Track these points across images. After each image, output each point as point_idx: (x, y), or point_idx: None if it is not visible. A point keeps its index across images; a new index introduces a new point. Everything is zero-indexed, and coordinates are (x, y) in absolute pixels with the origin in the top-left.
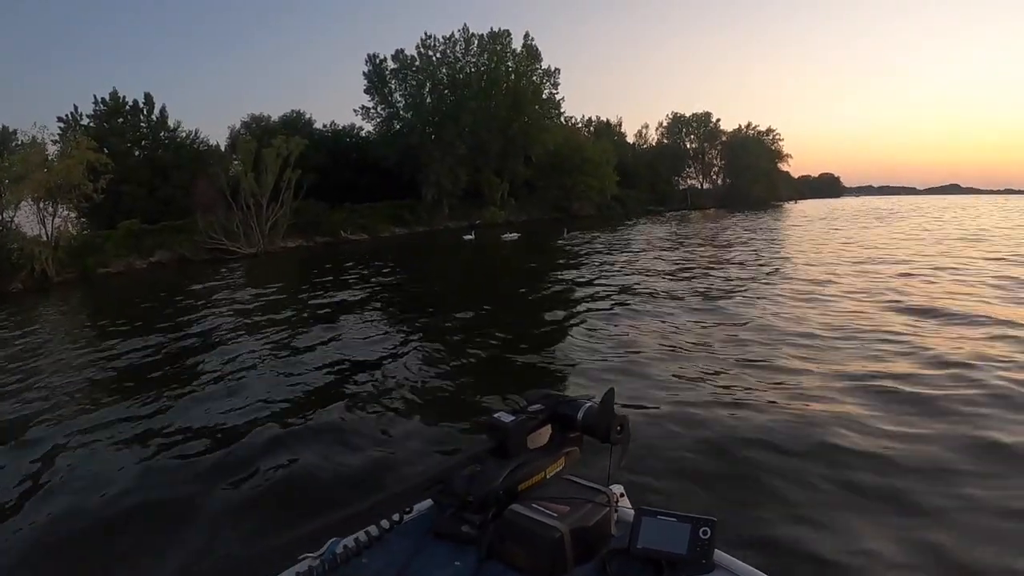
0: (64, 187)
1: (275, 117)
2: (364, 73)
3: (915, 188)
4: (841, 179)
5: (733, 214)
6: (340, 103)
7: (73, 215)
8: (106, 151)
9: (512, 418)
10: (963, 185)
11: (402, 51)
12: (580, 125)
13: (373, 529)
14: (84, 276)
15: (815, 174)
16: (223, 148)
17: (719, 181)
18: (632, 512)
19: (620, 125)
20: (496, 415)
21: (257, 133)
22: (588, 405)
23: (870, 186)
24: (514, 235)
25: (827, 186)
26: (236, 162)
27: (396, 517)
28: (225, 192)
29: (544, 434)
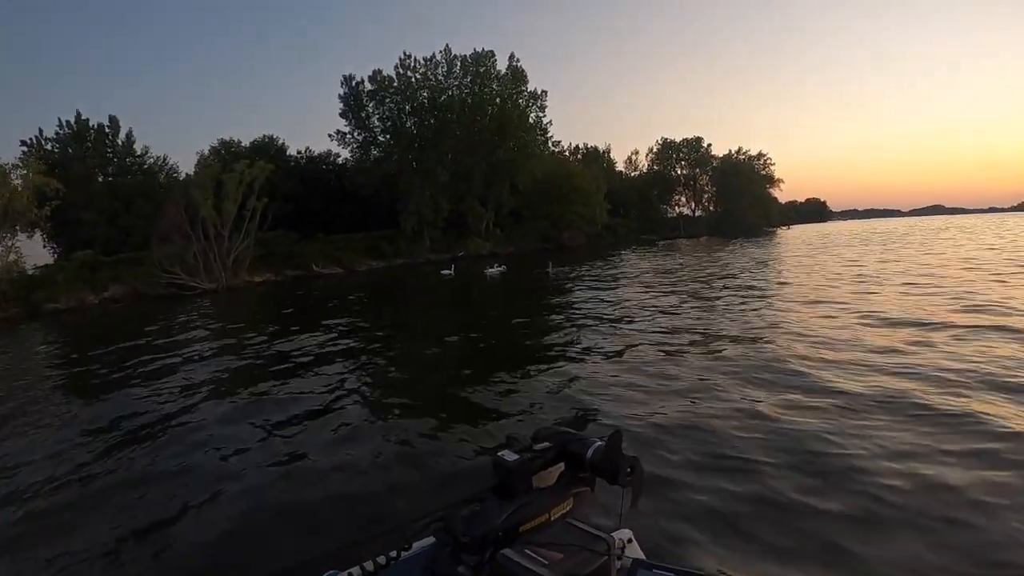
0: (10, 213)
1: (246, 142)
2: (340, 96)
3: (900, 210)
4: (827, 203)
5: (728, 242)
6: (317, 129)
7: (18, 244)
8: (58, 176)
9: (516, 457)
10: (947, 205)
11: (380, 71)
12: (568, 153)
13: (370, 564)
14: (31, 311)
15: (801, 199)
16: (192, 175)
17: (711, 207)
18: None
19: (609, 152)
20: (501, 452)
21: (226, 159)
22: (598, 444)
23: (855, 210)
24: (499, 268)
25: (814, 211)
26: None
27: (394, 553)
28: (184, 222)
29: (553, 473)
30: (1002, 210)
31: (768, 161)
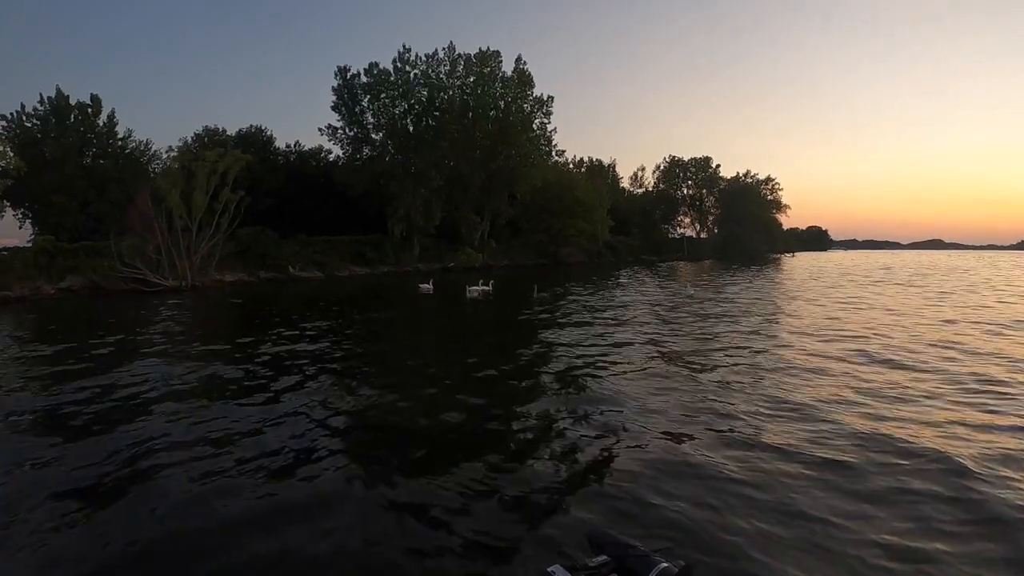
0: None
1: (232, 131)
2: (333, 88)
3: (899, 243)
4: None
5: (733, 269)
6: (310, 124)
7: None
8: (32, 155)
9: None
10: (946, 240)
11: (376, 64)
12: (571, 165)
13: None
14: None
15: (802, 226)
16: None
17: (715, 229)
18: None
19: (614, 167)
20: (551, 569)
21: (208, 148)
22: (664, 566)
23: (855, 240)
24: (482, 288)
25: (815, 239)
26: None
27: None
28: (151, 212)
29: None
30: (1000, 247)
31: (776, 186)
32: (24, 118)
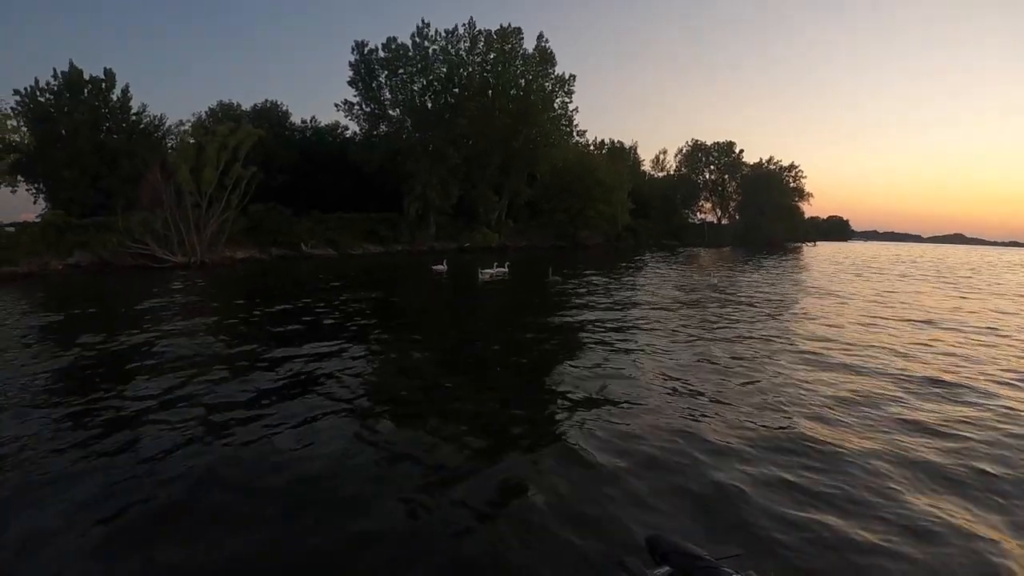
0: None
1: (247, 106)
2: (350, 63)
3: (920, 236)
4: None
5: (755, 257)
6: (327, 99)
7: None
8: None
9: None
10: (968, 235)
11: (395, 39)
12: (592, 147)
13: None
14: None
15: (823, 215)
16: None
17: (736, 216)
18: None
19: (635, 149)
20: None
21: (223, 123)
22: None
23: (876, 231)
24: (498, 270)
25: (836, 229)
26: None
27: None
28: (161, 187)
29: None
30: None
31: (799, 173)
32: (38, 93)
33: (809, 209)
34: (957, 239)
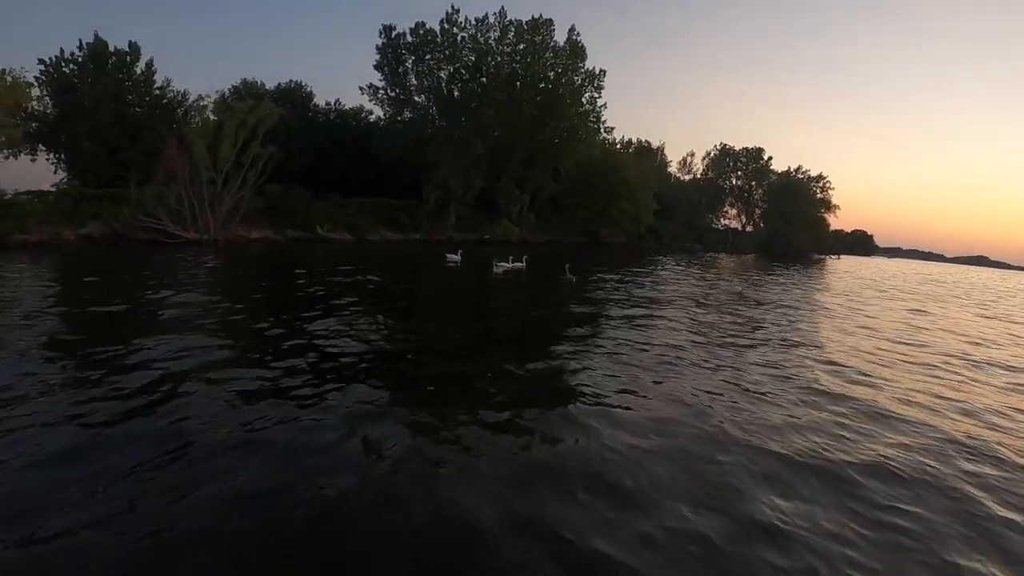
0: None
1: (271, 86)
2: (377, 47)
3: (943, 256)
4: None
5: (779, 267)
6: (352, 82)
7: None
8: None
9: None
10: (992, 258)
11: (423, 24)
12: (619, 145)
13: None
14: None
15: (847, 228)
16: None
17: (761, 224)
18: None
19: (662, 150)
20: None
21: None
22: None
23: (899, 248)
24: (511, 265)
25: (859, 243)
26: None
27: None
28: (178, 162)
29: None
30: None
31: (827, 184)
32: (62, 63)
33: (834, 222)
34: (981, 261)
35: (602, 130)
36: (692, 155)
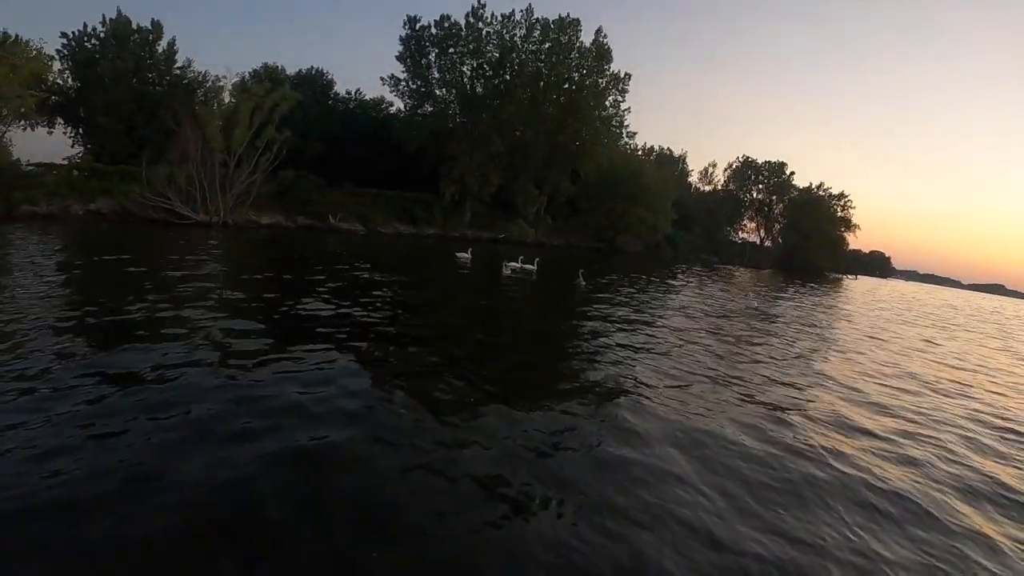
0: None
1: (291, 71)
2: (400, 37)
3: (960, 282)
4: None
5: (796, 285)
6: (373, 73)
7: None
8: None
9: None
10: (1008, 287)
11: (448, 17)
12: (641, 152)
13: None
14: (7, 212)
15: (865, 249)
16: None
17: (779, 240)
18: None
19: (684, 159)
20: None
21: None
22: None
23: (915, 272)
24: (520, 266)
25: (877, 264)
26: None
27: None
28: (192, 143)
29: None
30: None
31: (848, 203)
32: (84, 38)
33: (852, 241)
34: (998, 289)
35: (624, 135)
36: (714, 166)
